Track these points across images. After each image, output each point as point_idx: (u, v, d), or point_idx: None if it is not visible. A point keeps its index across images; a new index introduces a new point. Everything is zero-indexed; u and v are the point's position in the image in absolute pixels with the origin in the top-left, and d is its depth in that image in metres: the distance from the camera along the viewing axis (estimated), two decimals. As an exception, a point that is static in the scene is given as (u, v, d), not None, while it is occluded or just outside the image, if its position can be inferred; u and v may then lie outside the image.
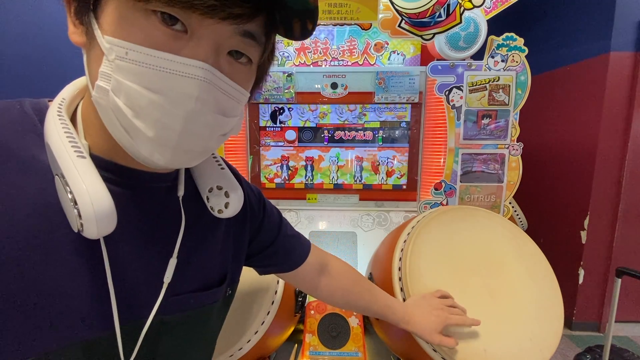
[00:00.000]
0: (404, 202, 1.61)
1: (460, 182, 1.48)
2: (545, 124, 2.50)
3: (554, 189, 2.44)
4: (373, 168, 1.63)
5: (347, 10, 1.42)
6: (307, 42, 1.78)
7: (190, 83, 0.30)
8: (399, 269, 0.87)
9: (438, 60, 1.46)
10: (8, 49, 1.18)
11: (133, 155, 0.34)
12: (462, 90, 1.44)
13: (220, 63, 0.32)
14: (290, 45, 1.78)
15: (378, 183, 1.63)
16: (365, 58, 1.79)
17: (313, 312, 1.04)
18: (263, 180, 1.64)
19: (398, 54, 1.78)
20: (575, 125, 2.27)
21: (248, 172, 1.61)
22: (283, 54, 1.78)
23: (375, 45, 1.77)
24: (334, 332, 0.99)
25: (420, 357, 0.78)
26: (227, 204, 0.45)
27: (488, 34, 1.39)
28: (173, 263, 0.41)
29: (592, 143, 2.14)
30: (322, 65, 1.79)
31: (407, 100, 1.54)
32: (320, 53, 1.79)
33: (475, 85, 1.43)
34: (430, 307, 0.68)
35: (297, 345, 1.10)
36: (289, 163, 1.64)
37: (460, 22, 1.36)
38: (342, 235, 1.54)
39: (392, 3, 1.36)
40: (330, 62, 1.80)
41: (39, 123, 0.33)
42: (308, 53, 1.79)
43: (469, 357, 0.73)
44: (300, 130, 1.61)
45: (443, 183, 1.49)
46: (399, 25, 1.42)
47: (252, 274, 0.90)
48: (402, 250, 0.90)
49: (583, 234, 2.20)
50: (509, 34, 1.40)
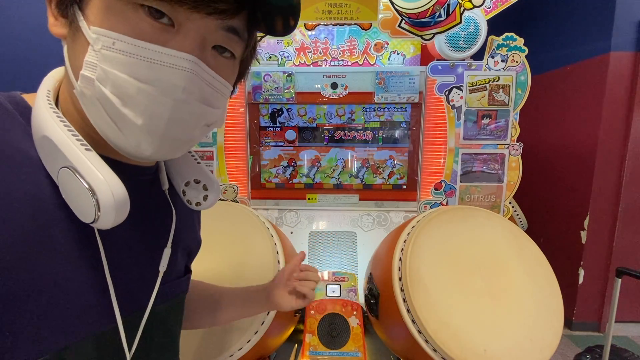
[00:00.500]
0: (404, 202, 1.60)
1: (460, 182, 1.48)
2: (545, 124, 2.50)
3: (554, 189, 2.44)
4: (373, 168, 1.63)
5: (347, 10, 1.42)
6: (307, 42, 1.78)
7: (177, 74, 0.30)
8: (399, 269, 0.87)
9: (438, 60, 1.46)
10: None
11: (118, 148, 0.33)
12: (462, 90, 1.43)
13: (206, 56, 0.33)
14: (290, 45, 1.78)
15: (378, 183, 1.64)
16: (365, 58, 1.79)
17: (313, 312, 1.04)
18: (263, 181, 1.65)
19: (398, 54, 1.78)
20: (575, 125, 2.27)
21: (248, 172, 1.61)
22: (283, 54, 1.78)
23: (375, 45, 1.77)
24: (334, 332, 0.99)
25: (420, 357, 0.78)
26: (205, 197, 0.47)
27: (488, 34, 1.39)
28: (167, 253, 0.43)
29: (592, 143, 2.14)
30: (322, 65, 1.79)
31: (407, 100, 1.54)
32: (320, 53, 1.79)
33: (475, 85, 1.43)
34: (282, 281, 0.64)
35: (297, 345, 1.10)
36: (290, 163, 1.64)
37: (460, 22, 1.36)
38: (342, 235, 1.54)
39: (392, 3, 1.36)
40: (330, 62, 1.80)
41: (21, 117, 0.32)
42: (308, 53, 1.79)
43: (469, 357, 0.73)
44: (300, 130, 1.61)
45: (443, 183, 1.49)
46: (399, 25, 1.42)
47: (251, 273, 0.90)
48: (402, 250, 0.90)
49: (583, 234, 2.20)
50: (509, 34, 1.40)
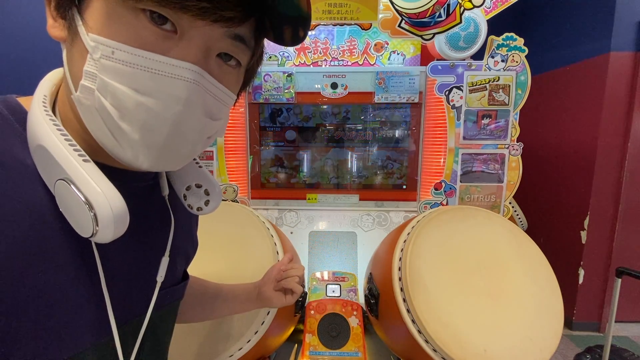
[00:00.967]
0: (404, 202, 1.60)
1: (460, 182, 1.48)
2: (545, 124, 2.50)
3: (554, 189, 2.44)
4: (373, 168, 1.63)
5: (347, 10, 1.42)
6: (307, 42, 1.78)
7: (179, 85, 0.29)
8: (399, 269, 0.87)
9: (438, 60, 1.46)
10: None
11: (116, 157, 0.32)
12: (462, 90, 1.43)
13: (210, 65, 0.32)
14: (290, 45, 1.78)
15: (378, 183, 1.63)
16: (365, 58, 1.79)
17: (313, 312, 1.04)
18: (263, 181, 1.65)
19: (398, 54, 1.78)
20: (575, 125, 2.27)
21: (248, 172, 1.61)
22: (283, 54, 1.78)
23: (375, 45, 1.77)
24: (334, 332, 0.99)
25: (420, 357, 0.78)
26: (207, 202, 0.46)
27: (488, 34, 1.39)
28: (165, 262, 0.42)
29: (592, 143, 2.14)
30: (322, 65, 1.79)
31: (407, 100, 1.54)
32: (320, 53, 1.79)
33: (475, 85, 1.43)
34: (270, 279, 0.65)
35: (297, 345, 1.10)
36: (290, 163, 1.64)
37: (460, 22, 1.36)
38: (342, 235, 1.54)
39: (392, 3, 1.36)
40: (330, 62, 1.80)
41: (17, 124, 0.31)
42: (308, 53, 1.79)
43: (469, 357, 0.73)
44: (300, 131, 1.61)
45: (443, 183, 1.49)
46: (399, 25, 1.42)
47: (251, 273, 0.90)
48: (402, 250, 0.90)
49: (583, 234, 2.20)
50: (509, 34, 1.40)
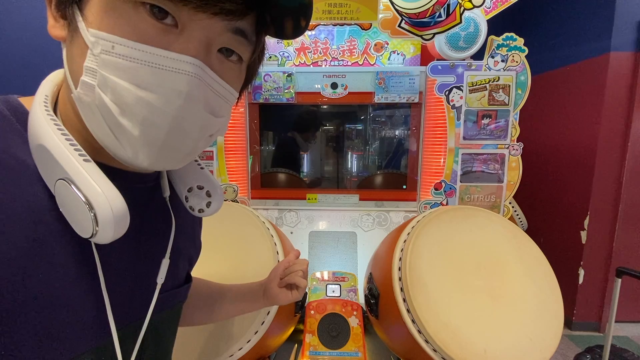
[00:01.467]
0: (404, 202, 1.60)
1: (460, 182, 1.48)
2: (545, 124, 2.50)
3: (554, 189, 2.44)
4: (373, 167, 1.63)
5: (347, 10, 1.42)
6: (307, 42, 1.78)
7: (180, 79, 0.29)
8: (399, 269, 0.87)
9: (438, 60, 1.46)
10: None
11: (116, 156, 0.32)
12: (462, 90, 1.43)
13: (211, 60, 0.32)
14: (290, 45, 1.78)
15: (378, 183, 1.63)
16: (365, 58, 1.79)
17: (313, 312, 1.04)
18: (262, 181, 1.65)
19: (398, 54, 1.78)
20: (575, 125, 2.27)
21: (248, 172, 1.61)
22: (283, 54, 1.78)
23: (375, 45, 1.77)
24: (334, 332, 0.99)
25: (420, 357, 0.78)
26: (208, 204, 0.45)
27: (488, 34, 1.39)
28: (166, 263, 0.41)
29: (592, 143, 2.14)
30: (322, 65, 1.79)
31: (407, 100, 1.54)
32: (320, 53, 1.79)
33: (475, 85, 1.43)
34: (276, 276, 0.63)
35: (297, 345, 1.10)
36: (290, 163, 1.64)
37: (460, 22, 1.36)
38: (342, 235, 1.54)
39: (392, 3, 1.36)
40: (330, 62, 1.80)
41: (18, 123, 0.31)
42: (308, 53, 1.79)
43: (469, 357, 0.73)
44: (301, 131, 1.61)
45: (443, 183, 1.49)
46: (399, 25, 1.42)
47: (251, 273, 0.90)
48: (402, 250, 0.90)
49: (583, 234, 2.20)
50: (509, 34, 1.40)
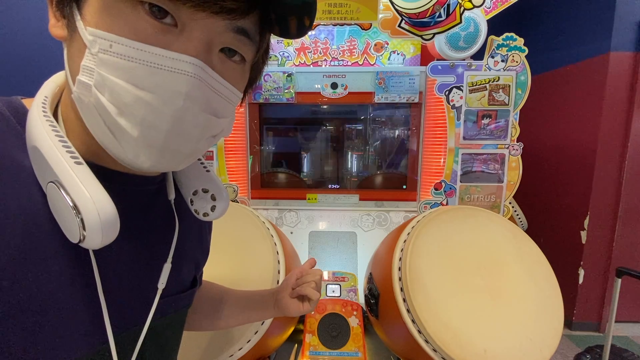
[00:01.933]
0: (404, 202, 1.60)
1: (460, 182, 1.48)
2: (545, 124, 2.50)
3: (554, 189, 2.44)
4: (373, 167, 1.63)
5: (347, 10, 1.42)
6: (307, 42, 1.78)
7: (179, 79, 0.28)
8: (399, 269, 0.87)
9: (438, 60, 1.46)
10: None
11: (117, 158, 0.31)
12: (462, 90, 1.43)
13: (212, 60, 0.31)
14: (290, 45, 1.78)
15: (378, 183, 1.63)
16: (365, 58, 1.79)
17: (313, 312, 1.04)
18: (262, 181, 1.64)
19: (398, 54, 1.78)
20: (575, 125, 2.27)
21: (248, 172, 1.61)
22: (283, 54, 1.78)
23: (375, 45, 1.77)
24: (334, 332, 0.99)
25: (420, 357, 0.78)
26: (213, 207, 0.44)
27: (488, 34, 1.39)
28: (167, 268, 0.41)
29: (592, 143, 2.14)
30: (322, 65, 1.79)
31: (407, 100, 1.54)
32: (320, 53, 1.79)
33: (475, 85, 1.43)
34: (288, 285, 0.61)
35: (297, 345, 1.10)
36: (290, 163, 1.64)
37: (460, 22, 1.36)
38: (342, 235, 1.54)
39: (392, 3, 1.36)
40: (330, 62, 1.80)
41: (18, 124, 0.31)
42: (308, 53, 1.79)
43: (469, 357, 0.73)
44: (301, 131, 1.61)
45: (443, 183, 1.49)
46: (399, 25, 1.42)
47: (251, 274, 0.90)
48: (402, 250, 0.90)
49: (583, 234, 2.20)
50: (509, 34, 1.40)
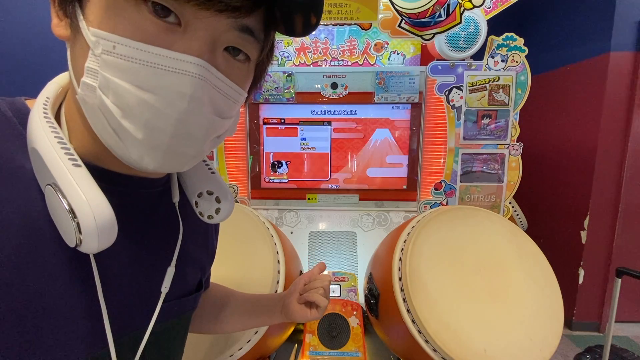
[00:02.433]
0: (404, 202, 1.61)
1: (460, 182, 1.48)
2: (545, 124, 2.50)
3: (554, 189, 2.44)
4: (373, 167, 1.63)
5: (347, 10, 1.42)
6: (307, 42, 1.78)
7: (183, 80, 0.28)
8: (399, 269, 0.87)
9: (438, 60, 1.46)
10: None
11: (122, 159, 0.31)
12: (462, 90, 1.44)
13: (216, 59, 0.30)
14: (290, 45, 1.78)
15: (378, 183, 1.63)
16: (365, 58, 1.79)
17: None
18: (262, 181, 1.65)
19: (398, 54, 1.78)
20: (575, 125, 2.27)
21: (248, 172, 1.61)
22: (283, 54, 1.78)
23: (375, 45, 1.77)
24: (334, 332, 0.99)
25: (420, 357, 0.78)
26: (217, 210, 0.44)
27: (488, 34, 1.39)
28: (171, 272, 0.40)
29: (592, 143, 2.14)
30: (322, 65, 1.79)
31: (407, 100, 1.54)
32: (320, 53, 1.79)
33: (475, 85, 1.43)
34: (296, 290, 0.59)
35: (297, 345, 1.10)
36: (290, 162, 1.64)
37: (460, 22, 1.36)
38: (342, 235, 1.54)
39: (392, 3, 1.36)
40: (330, 62, 1.80)
41: (20, 126, 0.30)
42: (308, 53, 1.79)
43: (469, 357, 0.73)
44: (301, 131, 1.61)
45: (443, 183, 1.49)
46: (399, 25, 1.42)
47: (251, 274, 0.90)
48: (402, 250, 0.90)
49: (583, 234, 2.20)
50: (509, 34, 1.40)
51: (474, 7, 1.37)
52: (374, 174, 1.63)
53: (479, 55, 1.43)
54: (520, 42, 1.40)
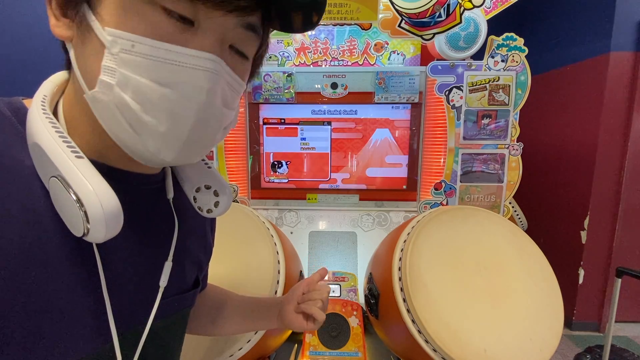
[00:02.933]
0: (404, 202, 1.60)
1: (460, 182, 1.48)
2: (545, 124, 2.50)
3: (554, 189, 2.44)
4: (373, 167, 1.63)
5: (347, 10, 1.42)
6: (307, 42, 1.78)
7: (201, 75, 0.30)
8: (399, 269, 0.87)
9: (438, 60, 1.46)
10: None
11: (134, 153, 0.32)
12: (462, 90, 1.43)
13: (225, 55, 0.32)
14: (290, 45, 1.78)
15: (378, 183, 1.63)
16: (365, 58, 1.79)
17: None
18: (262, 181, 1.65)
19: (398, 54, 1.78)
20: (575, 125, 2.27)
21: (248, 172, 1.61)
22: (283, 54, 1.78)
23: (375, 45, 1.77)
24: (334, 332, 0.99)
25: (420, 357, 0.78)
26: (217, 203, 0.44)
27: (488, 34, 1.39)
28: (168, 266, 0.41)
29: (592, 143, 2.14)
30: (322, 65, 1.79)
31: (407, 100, 1.54)
32: (320, 53, 1.79)
33: (475, 85, 1.43)
34: (294, 298, 0.58)
35: (297, 345, 1.10)
36: (289, 162, 1.64)
37: (460, 22, 1.36)
38: (342, 235, 1.54)
39: (392, 3, 1.36)
40: (330, 62, 1.80)
41: (19, 124, 0.31)
42: (308, 53, 1.79)
43: (469, 357, 0.73)
44: (300, 131, 1.61)
45: (443, 183, 1.49)
46: (399, 25, 1.42)
47: (251, 274, 0.90)
48: (402, 250, 0.90)
49: (583, 234, 2.20)
50: (509, 34, 1.40)
51: (474, 7, 1.37)
52: (374, 174, 1.63)
53: (479, 55, 1.43)
54: (520, 42, 1.40)
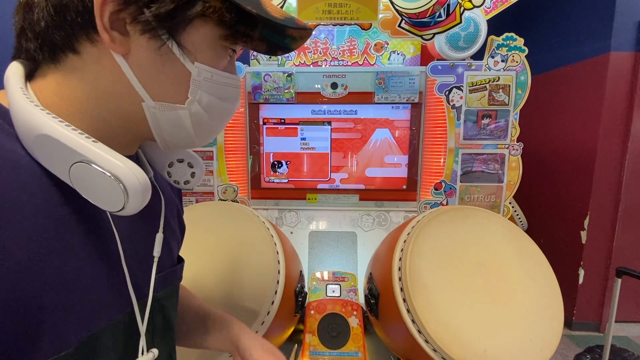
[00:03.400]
0: (404, 202, 1.60)
1: (460, 182, 1.48)
2: (545, 124, 2.50)
3: (554, 189, 2.44)
4: (373, 167, 1.63)
5: (347, 10, 1.42)
6: (307, 42, 1.78)
7: (238, 91, 0.42)
8: (399, 269, 0.87)
9: (438, 60, 1.46)
10: None
11: (172, 145, 0.40)
12: (462, 90, 1.44)
13: None
14: (290, 45, 1.78)
15: (378, 183, 1.63)
16: (365, 58, 1.79)
17: (313, 312, 1.04)
18: (262, 181, 1.64)
19: (398, 54, 1.78)
20: (575, 125, 2.27)
21: (248, 172, 1.61)
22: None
23: (375, 45, 1.77)
24: (334, 332, 0.99)
25: (420, 357, 0.78)
26: (192, 174, 0.48)
27: (488, 34, 1.39)
28: (160, 238, 0.43)
29: (592, 143, 2.14)
30: (322, 65, 1.79)
31: (407, 100, 1.54)
32: (320, 53, 1.79)
33: (475, 85, 1.43)
34: (262, 346, 0.54)
35: (297, 345, 1.10)
36: (289, 162, 1.64)
37: (460, 22, 1.36)
38: (342, 235, 1.54)
39: (392, 3, 1.36)
40: (330, 62, 1.80)
41: (1, 119, 0.31)
42: (308, 53, 1.79)
43: (469, 357, 0.73)
44: (300, 131, 1.61)
45: (443, 183, 1.49)
46: (399, 25, 1.42)
47: (251, 274, 0.90)
48: (402, 250, 0.90)
49: (583, 234, 2.20)
50: (509, 34, 1.40)
51: (474, 7, 1.37)
52: (374, 174, 1.63)
53: (479, 55, 1.43)
54: (520, 42, 1.40)
